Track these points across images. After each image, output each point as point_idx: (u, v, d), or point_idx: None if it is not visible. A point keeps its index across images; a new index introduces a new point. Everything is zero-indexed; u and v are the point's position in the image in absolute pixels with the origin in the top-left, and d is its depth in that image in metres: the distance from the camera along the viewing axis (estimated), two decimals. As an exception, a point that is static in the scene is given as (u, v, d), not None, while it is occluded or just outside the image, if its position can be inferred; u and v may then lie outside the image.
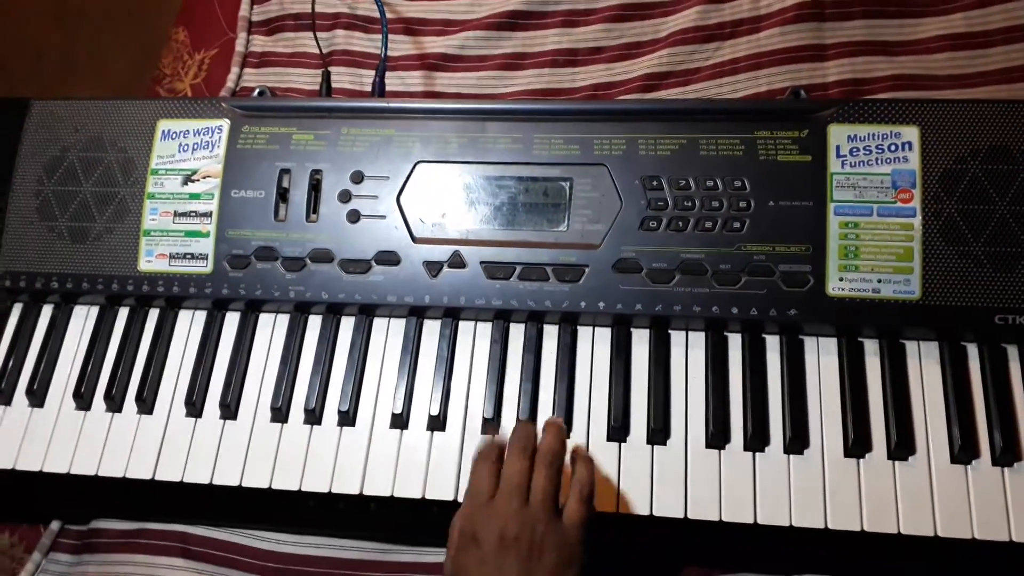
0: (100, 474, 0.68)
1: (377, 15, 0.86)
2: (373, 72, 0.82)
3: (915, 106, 0.66)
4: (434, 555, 0.69)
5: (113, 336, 0.73)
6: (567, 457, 0.57)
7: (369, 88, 0.82)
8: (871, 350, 0.65)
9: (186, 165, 0.74)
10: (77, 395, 0.71)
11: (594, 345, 0.68)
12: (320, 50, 0.93)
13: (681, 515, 0.61)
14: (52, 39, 1.74)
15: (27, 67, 1.72)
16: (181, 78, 0.98)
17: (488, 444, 0.57)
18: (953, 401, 0.62)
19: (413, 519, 0.67)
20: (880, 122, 0.66)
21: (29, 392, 0.71)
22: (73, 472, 0.68)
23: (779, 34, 0.85)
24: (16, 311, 0.75)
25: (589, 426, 0.65)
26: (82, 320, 0.74)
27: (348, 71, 0.94)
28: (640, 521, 0.61)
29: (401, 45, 0.94)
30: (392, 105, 0.73)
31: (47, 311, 0.75)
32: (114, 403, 0.70)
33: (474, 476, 0.56)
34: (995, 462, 0.60)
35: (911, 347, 0.65)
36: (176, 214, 0.73)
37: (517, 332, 0.69)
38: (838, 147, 0.66)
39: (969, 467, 0.61)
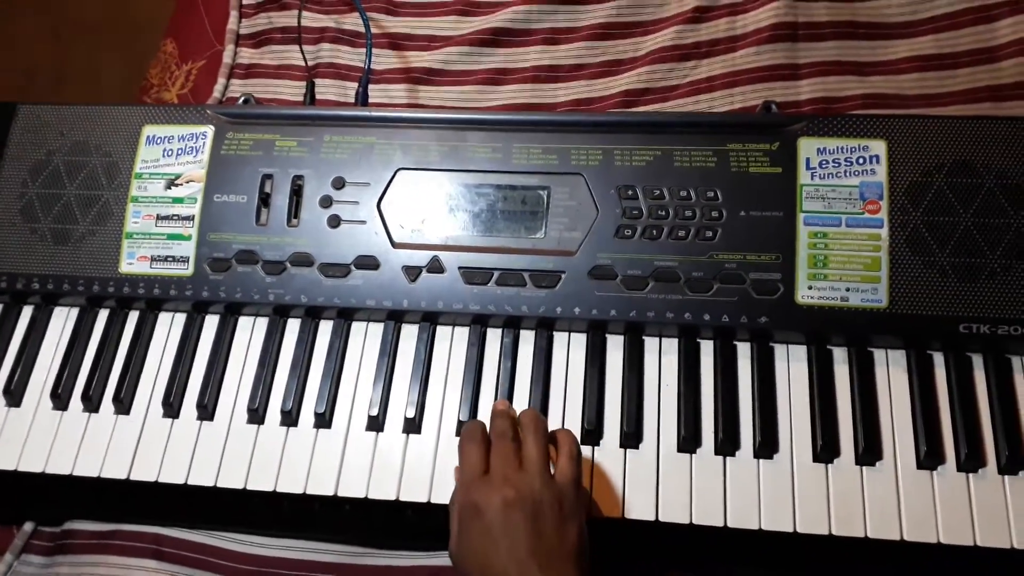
0: (75, 474, 0.68)
1: (363, 29, 0.88)
2: (358, 84, 0.84)
3: (883, 121, 0.68)
4: (408, 559, 0.69)
5: (92, 337, 0.74)
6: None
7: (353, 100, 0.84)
8: (840, 358, 0.66)
9: (170, 170, 0.75)
10: (54, 395, 0.71)
11: (569, 350, 0.69)
12: (306, 62, 0.94)
13: (652, 518, 0.62)
14: (47, 51, 1.76)
15: (22, 78, 1.73)
16: (168, 88, 0.99)
17: (472, 425, 0.59)
18: (920, 408, 0.64)
19: (388, 522, 0.67)
20: (849, 136, 0.68)
21: (6, 392, 0.71)
22: (48, 471, 0.68)
23: (754, 53, 0.88)
24: (-4, 312, 0.76)
25: (563, 430, 0.65)
26: (62, 321, 0.75)
27: (333, 83, 0.95)
28: (612, 524, 0.62)
29: (386, 59, 0.96)
30: (374, 114, 0.74)
31: (27, 312, 0.76)
32: (91, 403, 0.70)
33: (464, 457, 0.58)
34: (960, 468, 0.62)
35: (879, 355, 0.66)
36: (159, 217, 0.74)
37: (494, 337, 0.70)
38: (808, 159, 0.68)
39: (935, 473, 0.62)
